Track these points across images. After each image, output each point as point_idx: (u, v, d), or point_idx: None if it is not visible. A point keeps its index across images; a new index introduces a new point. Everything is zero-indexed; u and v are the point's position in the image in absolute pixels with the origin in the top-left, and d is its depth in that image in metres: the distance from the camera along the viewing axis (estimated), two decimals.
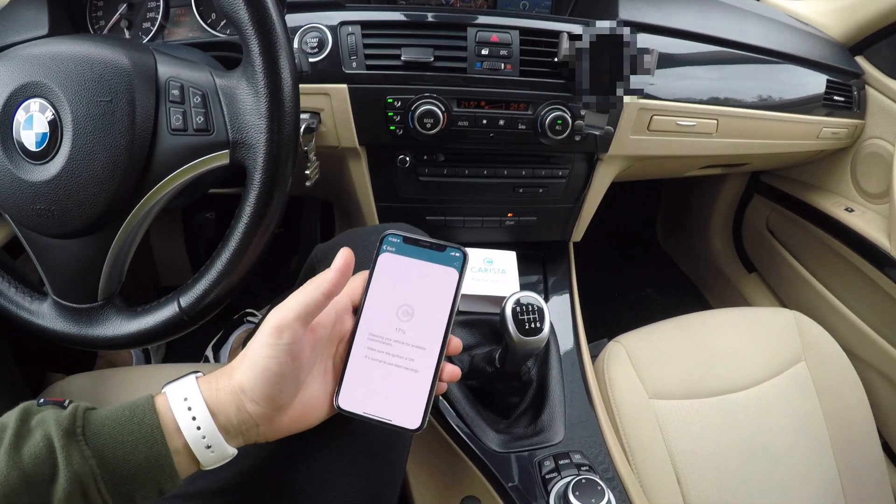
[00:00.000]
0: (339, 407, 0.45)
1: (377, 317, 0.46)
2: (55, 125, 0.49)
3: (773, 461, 0.84)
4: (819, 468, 0.86)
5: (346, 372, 0.46)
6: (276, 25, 0.49)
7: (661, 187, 1.76)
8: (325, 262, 0.66)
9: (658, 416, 0.83)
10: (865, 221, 1.12)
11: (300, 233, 1.34)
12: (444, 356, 0.46)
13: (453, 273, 0.46)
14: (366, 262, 0.48)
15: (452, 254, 0.47)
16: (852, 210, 1.15)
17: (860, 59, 1.14)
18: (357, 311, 0.47)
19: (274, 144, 0.49)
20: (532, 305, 0.68)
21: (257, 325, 0.60)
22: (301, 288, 0.43)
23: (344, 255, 0.44)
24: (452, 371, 0.46)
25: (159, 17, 0.76)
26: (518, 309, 0.68)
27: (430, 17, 0.77)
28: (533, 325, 0.67)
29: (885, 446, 1.10)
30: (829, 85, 1.05)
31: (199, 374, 0.44)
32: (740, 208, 1.51)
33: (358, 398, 0.45)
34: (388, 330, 0.46)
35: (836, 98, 1.06)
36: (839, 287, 1.21)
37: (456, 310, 0.46)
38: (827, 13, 1.15)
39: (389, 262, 0.47)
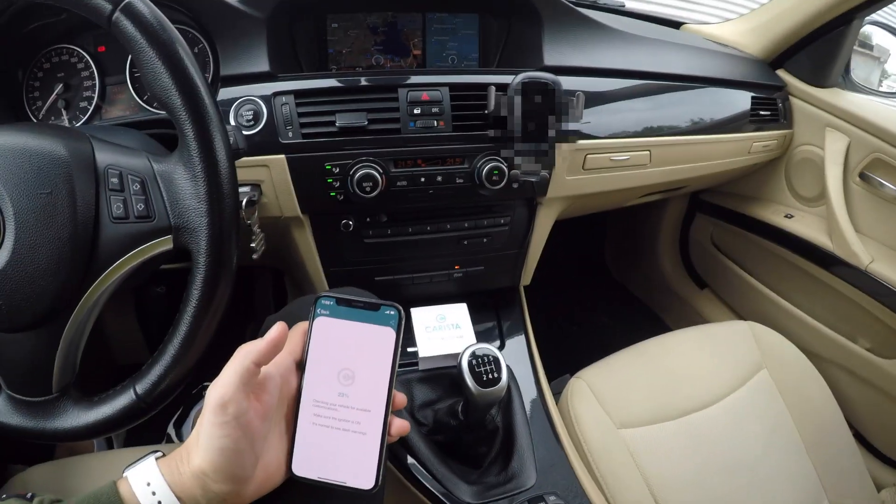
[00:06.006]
0: (294, 473, 0.45)
1: (319, 383, 0.47)
2: None
3: (750, 470, 0.85)
4: (796, 469, 0.87)
5: (296, 439, 0.46)
6: (209, 109, 0.49)
7: (606, 217, 1.79)
8: None
9: (629, 445, 0.83)
10: (806, 225, 1.16)
11: (254, 302, 1.33)
12: (391, 413, 0.46)
13: (390, 332, 0.46)
14: None
15: (387, 312, 0.47)
16: (792, 216, 1.20)
17: (781, 73, 1.19)
18: (300, 368, 0.47)
19: (216, 226, 0.50)
20: (487, 356, 0.69)
21: None
22: (232, 359, 0.43)
23: (277, 330, 0.45)
24: (401, 426, 0.47)
25: (95, 97, 0.76)
26: (474, 362, 0.69)
27: (361, 81, 0.78)
28: (491, 376, 0.68)
29: (857, 436, 1.13)
30: (754, 101, 1.10)
31: (158, 453, 0.43)
32: (684, 228, 1.55)
33: (311, 463, 0.46)
34: (331, 395, 0.46)
35: (762, 112, 1.11)
36: (789, 291, 1.25)
37: (397, 368, 0.47)
38: (745, 33, 1.21)
39: (325, 326, 0.47)
